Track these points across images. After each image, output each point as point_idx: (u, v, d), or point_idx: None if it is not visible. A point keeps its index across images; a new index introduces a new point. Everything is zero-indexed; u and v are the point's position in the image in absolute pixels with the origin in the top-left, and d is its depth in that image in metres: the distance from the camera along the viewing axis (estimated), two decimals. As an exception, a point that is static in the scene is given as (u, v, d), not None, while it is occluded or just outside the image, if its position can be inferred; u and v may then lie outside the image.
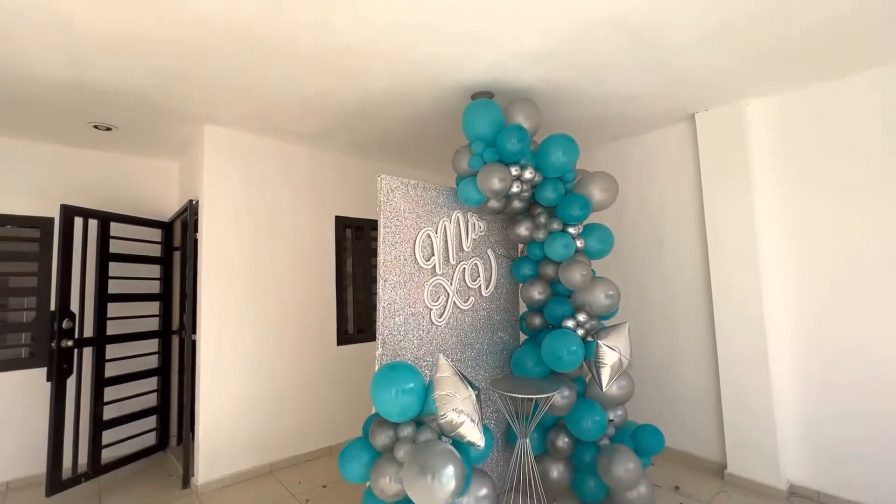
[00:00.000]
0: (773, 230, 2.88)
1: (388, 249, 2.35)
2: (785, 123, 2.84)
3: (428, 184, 2.58)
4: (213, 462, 3.04)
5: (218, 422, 3.08)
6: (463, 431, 1.87)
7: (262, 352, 3.33)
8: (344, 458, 1.98)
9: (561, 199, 2.62)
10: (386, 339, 2.31)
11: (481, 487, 1.99)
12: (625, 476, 2.40)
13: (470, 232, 2.76)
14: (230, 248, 3.23)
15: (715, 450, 3.13)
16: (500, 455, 2.80)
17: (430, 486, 1.65)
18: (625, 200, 3.64)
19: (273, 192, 3.50)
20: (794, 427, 2.78)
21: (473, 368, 2.74)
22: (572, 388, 2.60)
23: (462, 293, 2.70)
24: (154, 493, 2.98)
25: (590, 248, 2.68)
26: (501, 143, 2.42)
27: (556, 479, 2.70)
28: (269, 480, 3.14)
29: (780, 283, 2.85)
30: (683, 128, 3.33)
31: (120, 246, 3.41)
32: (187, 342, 3.17)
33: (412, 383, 1.88)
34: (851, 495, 2.56)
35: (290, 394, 3.46)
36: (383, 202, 2.34)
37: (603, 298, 2.58)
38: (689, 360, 3.29)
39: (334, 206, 3.88)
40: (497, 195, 2.45)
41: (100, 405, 3.11)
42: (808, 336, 2.74)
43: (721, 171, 3.02)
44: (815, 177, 2.72)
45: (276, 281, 3.46)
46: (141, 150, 3.64)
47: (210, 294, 3.11)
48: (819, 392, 2.70)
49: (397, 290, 2.37)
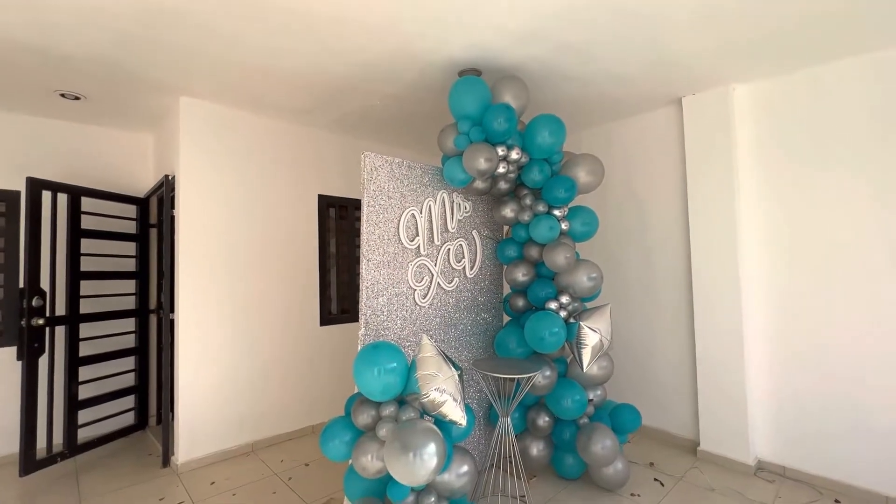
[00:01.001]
0: (754, 216, 2.93)
1: (372, 229, 2.31)
2: (769, 109, 2.86)
3: (413, 162, 2.53)
4: (194, 441, 3.02)
5: (198, 401, 3.04)
6: (445, 410, 1.88)
7: (242, 332, 3.28)
8: (326, 437, 1.98)
9: (547, 180, 2.60)
10: (369, 319, 2.29)
11: (462, 465, 2.02)
12: (602, 453, 2.47)
13: (455, 212, 2.73)
14: (209, 226, 3.14)
15: (689, 428, 3.24)
16: (481, 433, 2.84)
17: (411, 464, 1.66)
18: (610, 184, 3.65)
19: (254, 169, 3.40)
20: (764, 407, 2.89)
21: (457, 349, 2.75)
22: (554, 368, 2.64)
23: (446, 274, 2.68)
24: (133, 471, 2.95)
25: (574, 230, 2.68)
26: (488, 122, 2.38)
27: (535, 456, 2.76)
28: (252, 459, 3.14)
29: (757, 270, 2.91)
30: (670, 112, 3.33)
31: (93, 222, 3.29)
32: (165, 321, 3.10)
33: (395, 363, 1.87)
34: (813, 470, 2.69)
35: (272, 374, 3.44)
36: (367, 180, 2.29)
37: (586, 281, 2.60)
38: (668, 342, 3.36)
39: (317, 185, 3.80)
40: (483, 175, 2.42)
41: (74, 384, 3.04)
42: (781, 320, 2.82)
43: (705, 155, 3.04)
44: (796, 164, 2.76)
45: (257, 260, 3.39)
46: (113, 121, 3.48)
47: (188, 273, 3.04)
48: (788, 374, 2.79)
49: (381, 269, 2.34)
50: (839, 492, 2.57)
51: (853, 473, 2.55)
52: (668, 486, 2.70)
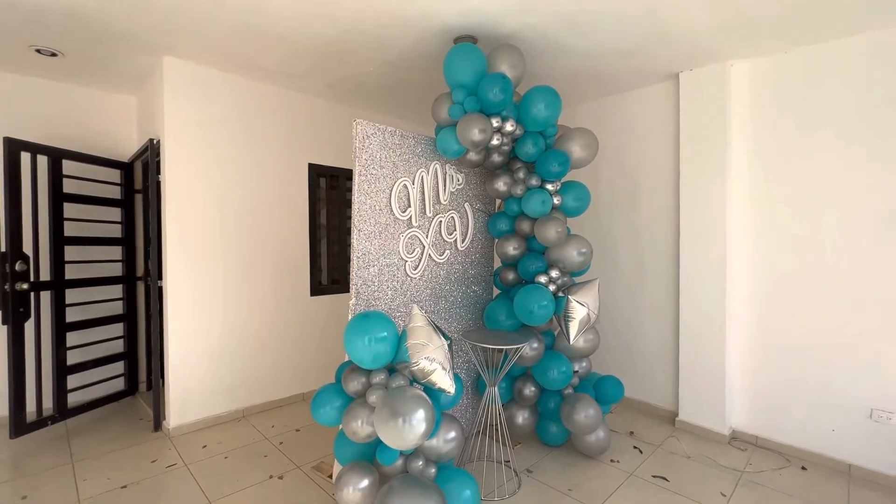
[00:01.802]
0: (744, 195, 2.95)
1: (363, 198, 2.29)
2: (765, 87, 2.84)
3: (406, 132, 2.49)
4: (185, 406, 3.05)
5: (188, 368, 3.06)
6: (434, 378, 1.91)
7: (232, 300, 3.28)
8: (317, 403, 2.02)
9: (541, 154, 2.58)
10: (360, 289, 2.30)
11: (450, 431, 2.08)
12: (585, 422, 2.56)
13: (448, 184, 2.71)
14: (196, 193, 3.08)
15: (669, 400, 3.36)
16: (469, 402, 2.92)
17: (400, 429, 1.70)
18: (603, 160, 3.64)
19: (242, 135, 3.31)
20: (741, 380, 2.99)
21: (447, 320, 2.78)
22: (541, 340, 2.70)
23: (438, 246, 2.69)
24: (125, 435, 2.99)
25: (566, 205, 2.69)
26: (483, 91, 2.33)
27: (521, 424, 2.85)
28: (243, 424, 3.19)
29: (744, 246, 2.96)
30: (666, 87, 3.29)
31: (75, 186, 3.20)
32: (153, 289, 3.08)
33: (385, 332, 1.89)
34: (783, 439, 2.82)
35: (263, 342, 3.46)
36: (359, 149, 2.25)
37: (576, 256, 2.62)
38: (653, 317, 3.44)
39: (307, 153, 3.72)
40: (477, 147, 2.39)
41: (62, 350, 3.03)
42: (762, 298, 2.90)
43: (700, 132, 3.03)
44: (788, 143, 2.77)
45: (246, 229, 3.35)
46: (94, 81, 3.33)
47: (176, 240, 2.99)
48: (765, 350, 2.89)
49: (372, 240, 2.33)
50: (806, 459, 2.71)
51: (819, 442, 2.68)
52: (646, 453, 2.82)
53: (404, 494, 1.78)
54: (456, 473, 2.06)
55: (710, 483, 2.47)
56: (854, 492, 2.39)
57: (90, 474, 2.50)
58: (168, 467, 2.59)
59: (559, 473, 2.56)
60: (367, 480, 1.87)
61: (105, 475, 2.49)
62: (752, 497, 2.34)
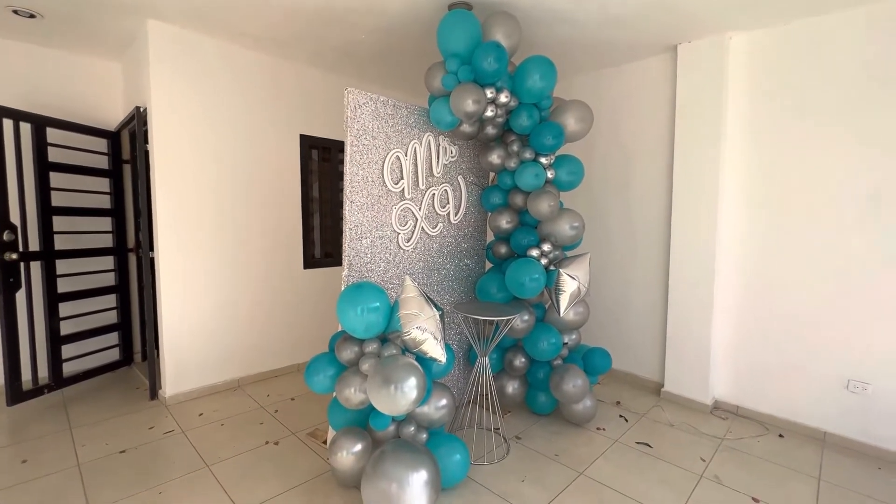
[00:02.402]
0: (737, 169, 2.96)
1: (356, 170, 2.27)
2: (763, 60, 2.81)
3: (399, 102, 2.45)
4: (180, 376, 3.09)
5: (182, 339, 3.09)
6: (426, 348, 1.95)
7: (225, 272, 3.28)
8: (310, 371, 2.05)
9: (535, 126, 2.56)
10: (352, 261, 2.30)
11: (441, 398, 2.13)
12: (573, 391, 2.63)
13: (441, 156, 2.69)
14: (186, 164, 3.03)
15: (655, 371, 3.45)
16: (460, 373, 2.98)
17: (392, 396, 1.75)
18: (597, 134, 3.62)
19: (232, 104, 3.24)
20: (725, 352, 3.08)
21: (439, 293, 2.81)
22: (532, 313, 2.74)
23: (431, 219, 2.69)
24: (122, 403, 3.04)
25: (560, 179, 2.68)
26: (478, 61, 2.28)
27: (511, 393, 2.93)
28: (238, 394, 3.25)
29: (734, 222, 2.99)
30: (663, 60, 3.25)
31: (61, 155, 3.13)
32: (145, 260, 3.06)
33: (378, 302, 1.91)
34: (763, 408, 2.93)
35: (256, 313, 3.48)
36: (350, 118, 2.21)
37: (568, 229, 2.64)
38: (643, 290, 3.49)
39: (299, 124, 3.66)
40: (470, 118, 2.36)
41: (55, 320, 3.04)
42: (750, 272, 2.94)
43: (696, 105, 3.01)
44: (783, 117, 2.76)
45: (237, 201, 3.31)
46: (75, 45, 3.22)
47: (166, 212, 2.96)
48: (749, 323, 2.96)
49: (364, 212, 2.33)
50: (784, 428, 2.82)
51: (796, 411, 2.79)
52: (631, 421, 2.91)
53: (396, 458, 1.84)
54: (447, 439, 2.13)
55: (691, 449, 2.57)
56: (827, 457, 2.51)
57: (88, 440, 2.55)
58: (165, 433, 2.65)
59: (547, 440, 2.65)
60: (361, 445, 1.93)
61: (103, 441, 2.54)
62: (731, 462, 2.44)
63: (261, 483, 2.18)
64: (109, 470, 2.27)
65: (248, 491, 2.11)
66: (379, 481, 1.79)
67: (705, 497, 2.13)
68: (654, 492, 2.16)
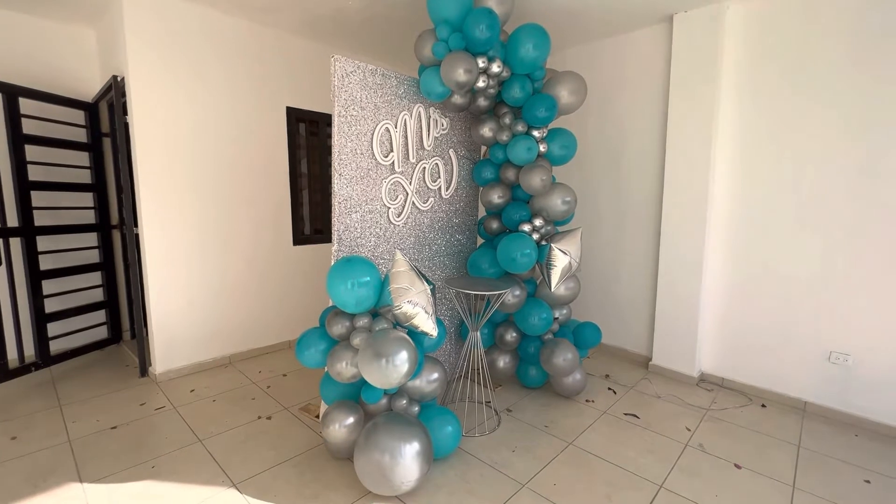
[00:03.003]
0: (730, 141, 2.94)
1: (344, 142, 2.21)
2: (759, 30, 2.75)
3: (388, 71, 2.37)
4: (171, 353, 3.08)
5: (171, 316, 3.05)
6: (417, 322, 1.95)
7: (212, 249, 3.22)
8: (301, 346, 2.04)
9: (528, 98, 2.50)
10: (342, 235, 2.27)
11: (433, 372, 2.15)
12: (563, 365, 2.66)
13: (432, 129, 2.63)
14: (168, 136, 2.93)
15: (644, 345, 3.50)
16: (452, 347, 3.00)
17: (384, 369, 1.75)
18: (591, 107, 3.56)
19: (214, 74, 3.12)
20: (711, 326, 3.13)
21: (430, 269, 2.79)
22: (523, 288, 2.74)
23: (421, 193, 2.64)
24: (111, 381, 3.02)
25: (552, 153, 2.65)
26: (469, 28, 2.21)
27: (502, 367, 2.96)
28: (230, 370, 3.25)
29: (724, 196, 2.99)
30: (659, 31, 3.17)
31: (36, 128, 3.01)
32: (129, 237, 2.99)
33: (368, 276, 1.89)
34: (747, 380, 3.00)
35: (246, 290, 3.45)
36: (337, 87, 2.14)
37: (560, 204, 2.62)
38: (633, 266, 3.51)
39: (285, 96, 3.54)
40: (462, 88, 2.30)
41: (39, 298, 2.98)
42: (737, 248, 2.96)
43: (690, 77, 2.96)
44: (776, 90, 2.72)
45: (223, 177, 3.23)
46: (45, 10, 3.04)
47: (150, 187, 2.88)
48: (736, 297, 2.99)
49: (353, 185, 2.28)
50: (766, 398, 2.90)
51: (779, 382, 2.86)
52: (619, 394, 2.97)
53: (389, 429, 1.85)
54: (439, 411, 2.15)
55: (676, 419, 2.63)
56: (807, 425, 2.59)
57: (79, 417, 2.54)
58: (157, 409, 2.64)
59: (537, 412, 2.70)
60: (353, 418, 1.95)
61: (94, 417, 2.53)
62: (714, 431, 2.51)
63: (254, 456, 2.19)
64: (101, 445, 2.26)
65: (241, 464, 2.13)
66: (372, 452, 1.81)
67: (689, 464, 2.20)
68: (640, 460, 2.22)
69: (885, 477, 2.12)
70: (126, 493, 1.92)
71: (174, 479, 2.02)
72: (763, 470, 2.16)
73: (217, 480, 2.01)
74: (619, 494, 1.96)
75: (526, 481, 2.04)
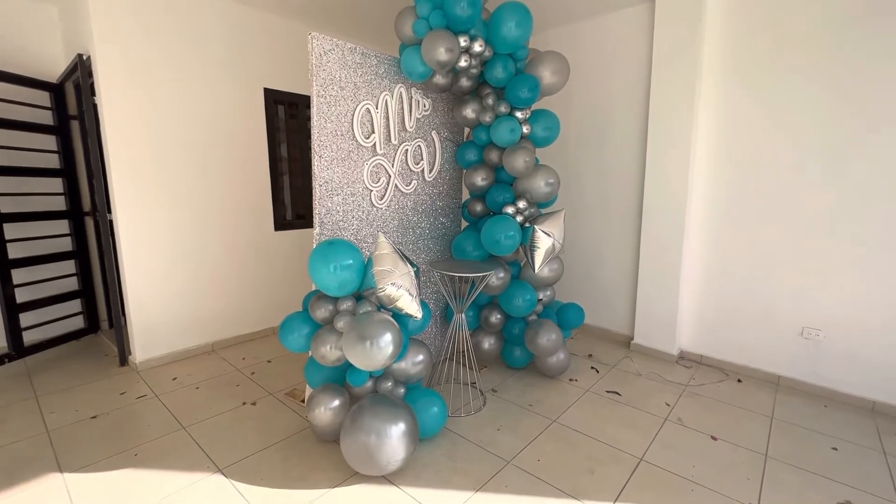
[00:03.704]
0: (710, 125, 2.97)
1: (323, 123, 2.16)
2: (739, 10, 2.76)
3: (367, 50, 2.31)
4: (151, 341, 3.02)
5: (150, 304, 2.99)
6: (401, 304, 1.94)
7: (191, 234, 3.14)
8: (284, 330, 2.02)
9: (510, 79, 2.48)
10: (324, 218, 2.24)
11: (418, 354, 2.15)
12: (547, 345, 2.70)
13: (414, 110, 2.59)
14: (139, 118, 2.83)
15: (626, 325, 3.57)
16: (438, 330, 3.01)
17: (368, 351, 1.74)
18: (573, 89, 3.55)
19: (187, 53, 3.00)
20: (691, 304, 3.20)
21: (414, 252, 2.78)
22: (507, 270, 2.75)
23: (404, 176, 2.61)
24: (90, 371, 2.95)
25: (535, 134, 2.63)
26: (450, 5, 2.16)
27: (487, 349, 2.99)
28: (213, 358, 3.21)
29: (704, 179, 3.03)
30: (641, 11, 3.16)
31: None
32: (103, 224, 2.90)
33: (351, 259, 1.87)
34: (724, 356, 3.09)
35: (228, 277, 3.39)
36: (315, 66, 2.08)
37: (543, 186, 2.62)
38: (615, 247, 3.56)
39: (262, 77, 3.43)
40: (443, 68, 2.26)
41: (9, 287, 2.88)
42: (716, 228, 3.02)
43: (673, 57, 2.97)
44: (756, 70, 2.75)
45: (199, 159, 3.14)
46: (2, -16, 2.88)
47: (121, 171, 2.78)
48: (715, 275, 3.07)
49: (334, 167, 2.24)
50: (742, 374, 3.00)
51: (754, 358, 2.96)
52: (602, 372, 3.04)
53: (374, 411, 1.86)
54: (424, 393, 2.17)
55: (657, 395, 2.71)
56: (780, 398, 2.69)
57: (56, 407, 2.48)
58: (138, 398, 2.60)
59: (522, 392, 2.74)
60: (338, 400, 1.95)
61: (72, 407, 2.48)
62: (692, 405, 2.59)
63: (239, 441, 2.18)
64: (81, 435, 2.22)
65: (226, 449, 2.12)
66: (358, 434, 1.82)
67: (669, 437, 2.27)
68: (621, 434, 2.28)
69: (851, 444, 2.22)
70: (108, 480, 1.90)
71: (158, 465, 2.00)
72: (738, 441, 2.24)
73: (202, 466, 2.00)
74: (601, 468, 2.02)
75: (510, 458, 2.08)
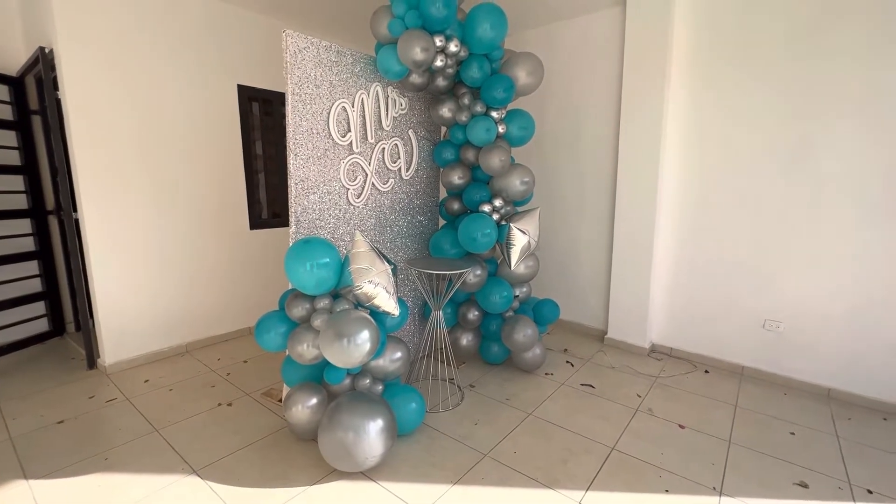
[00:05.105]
0: (679, 126, 3.07)
1: (299, 121, 2.15)
2: (707, 15, 2.87)
3: (343, 48, 2.31)
4: (121, 343, 2.94)
5: (119, 305, 2.91)
6: (378, 302, 1.95)
7: (163, 234, 3.07)
8: (260, 329, 2.01)
9: (486, 79, 2.51)
10: (300, 217, 2.23)
11: (396, 352, 2.17)
12: (523, 340, 2.76)
13: (390, 108, 2.60)
14: (106, 114, 2.74)
15: (600, 320, 3.67)
16: (416, 328, 3.03)
17: (345, 349, 1.75)
18: (549, 89, 3.62)
19: (156, 47, 2.92)
20: (661, 299, 3.32)
21: (392, 251, 2.79)
22: (484, 267, 2.80)
23: (381, 174, 2.62)
24: (56, 374, 2.85)
25: (511, 134, 2.68)
26: (426, 6, 2.18)
27: (465, 346, 3.02)
28: (187, 359, 3.14)
29: (673, 178, 3.14)
30: (615, 14, 3.24)
31: (-48, 103, 2.74)
32: (68, 223, 2.81)
33: (327, 258, 1.87)
34: (693, 349, 3.22)
35: (201, 276, 3.32)
36: (290, 64, 2.07)
37: (519, 185, 2.67)
38: (589, 244, 3.65)
39: (236, 73, 3.38)
40: (419, 67, 2.28)
41: (-33, 290, 2.76)
42: (684, 225, 3.14)
43: (643, 58, 3.05)
44: (723, 68, 2.85)
45: (171, 156, 3.06)
46: (-45, -29, 2.74)
47: (88, 169, 2.70)
48: (683, 271, 3.19)
49: (310, 166, 2.23)
50: (710, 364, 3.12)
51: (720, 350, 3.09)
52: (576, 366, 3.12)
53: (352, 408, 1.87)
54: (403, 389, 2.19)
55: (628, 387, 2.80)
56: (743, 387, 2.82)
57: (20, 413, 2.39)
58: (108, 402, 2.54)
59: (499, 387, 2.79)
60: (316, 399, 1.95)
61: (37, 412, 2.40)
62: (662, 396, 2.69)
63: (215, 442, 2.16)
64: (47, 441, 2.16)
65: (202, 450, 2.09)
66: (335, 431, 1.83)
67: (639, 427, 2.35)
68: (594, 425, 2.36)
69: (807, 428, 2.36)
70: (77, 486, 1.85)
71: (130, 469, 1.96)
72: (704, 428, 2.34)
73: (177, 468, 1.97)
74: (575, 458, 2.08)
75: (487, 451, 2.12)
